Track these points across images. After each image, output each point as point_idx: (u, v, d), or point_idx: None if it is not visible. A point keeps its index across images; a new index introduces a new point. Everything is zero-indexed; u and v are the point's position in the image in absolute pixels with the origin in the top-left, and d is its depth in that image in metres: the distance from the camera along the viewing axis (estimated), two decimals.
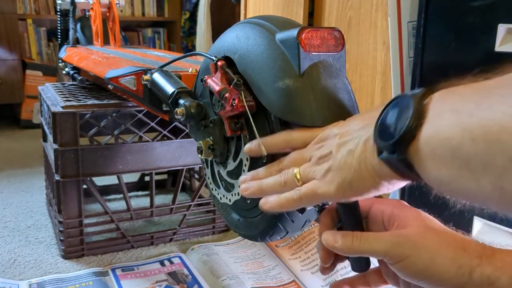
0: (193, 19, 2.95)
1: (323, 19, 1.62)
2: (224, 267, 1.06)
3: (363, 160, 0.40)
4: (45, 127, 1.29)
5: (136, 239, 1.19)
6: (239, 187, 0.64)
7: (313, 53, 0.54)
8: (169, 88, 0.74)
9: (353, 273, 0.54)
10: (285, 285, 1.01)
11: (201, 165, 1.28)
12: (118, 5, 1.51)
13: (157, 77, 0.79)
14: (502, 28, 0.87)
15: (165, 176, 1.65)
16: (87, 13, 1.56)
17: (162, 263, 1.10)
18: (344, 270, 1.03)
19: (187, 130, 1.18)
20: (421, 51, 1.02)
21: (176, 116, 0.69)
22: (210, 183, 0.76)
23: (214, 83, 0.63)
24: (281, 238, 0.63)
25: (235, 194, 0.66)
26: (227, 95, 0.60)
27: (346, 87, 0.55)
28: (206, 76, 0.66)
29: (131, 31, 3.12)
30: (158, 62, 1.09)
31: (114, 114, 1.11)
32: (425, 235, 0.43)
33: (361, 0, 1.50)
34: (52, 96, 1.22)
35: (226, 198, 0.69)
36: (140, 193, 1.59)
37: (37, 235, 1.25)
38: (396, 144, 0.35)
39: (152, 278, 1.04)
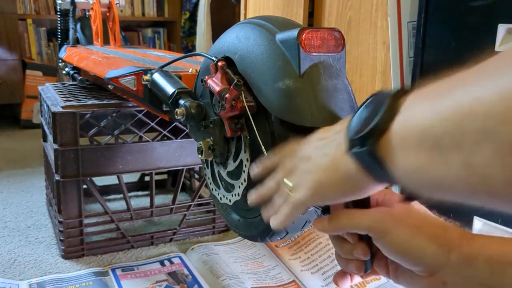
0: (193, 19, 2.94)
1: (323, 19, 1.62)
2: (224, 267, 1.06)
3: (335, 160, 0.39)
4: (45, 127, 1.29)
5: (136, 239, 1.19)
6: (239, 187, 0.64)
7: (313, 54, 0.54)
8: (169, 89, 0.74)
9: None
10: (285, 285, 1.01)
11: (201, 165, 1.28)
12: (118, 5, 1.51)
13: (157, 77, 0.79)
14: (502, 28, 0.87)
15: (165, 176, 1.65)
16: (87, 13, 1.56)
17: (162, 263, 1.10)
18: None
19: (187, 130, 1.19)
20: (421, 51, 1.02)
21: (176, 117, 0.69)
22: (210, 183, 0.75)
23: (214, 83, 0.63)
24: (281, 239, 0.63)
25: (235, 194, 0.66)
26: (227, 95, 0.60)
27: (346, 88, 0.55)
28: (206, 77, 0.66)
29: (131, 31, 3.12)
30: (158, 62, 1.09)
31: (114, 114, 1.11)
32: (409, 213, 0.44)
33: (361, 0, 1.50)
34: (52, 96, 1.22)
35: (226, 198, 0.69)
36: (140, 193, 1.59)
37: (37, 235, 1.25)
38: (366, 137, 0.35)
39: (152, 278, 1.04)
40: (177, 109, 0.69)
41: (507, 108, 0.26)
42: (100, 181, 1.53)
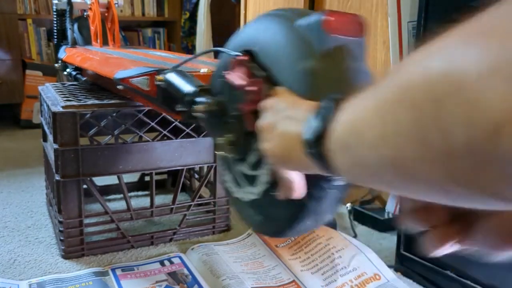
0: (193, 19, 2.95)
1: None
2: (224, 267, 1.06)
3: (294, 147, 0.44)
4: (45, 127, 1.29)
5: (136, 239, 1.19)
6: (264, 175, 0.64)
7: (337, 36, 0.54)
8: (187, 87, 0.74)
9: (352, 273, 0.53)
10: (285, 285, 1.01)
11: (201, 165, 1.28)
12: (117, 5, 1.50)
13: (173, 77, 0.79)
14: None
15: (165, 176, 1.65)
16: (85, 13, 1.56)
17: (162, 263, 1.10)
18: (344, 270, 1.03)
19: (187, 130, 1.19)
20: None
21: (196, 114, 0.69)
22: (232, 187, 0.74)
23: (236, 78, 0.63)
24: (315, 224, 0.61)
25: (260, 184, 0.65)
26: (250, 89, 0.60)
27: (367, 71, 0.56)
28: (227, 72, 0.66)
29: (131, 31, 3.12)
30: (164, 62, 1.09)
31: (114, 114, 1.11)
32: None
33: (361, 0, 1.49)
34: (52, 96, 1.22)
35: (252, 193, 0.68)
36: (140, 193, 1.59)
37: (37, 235, 1.25)
38: (313, 140, 0.39)
39: (152, 278, 1.04)
40: (197, 106, 0.69)
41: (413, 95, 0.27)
42: (100, 181, 1.53)
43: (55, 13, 1.59)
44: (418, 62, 0.28)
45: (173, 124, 1.16)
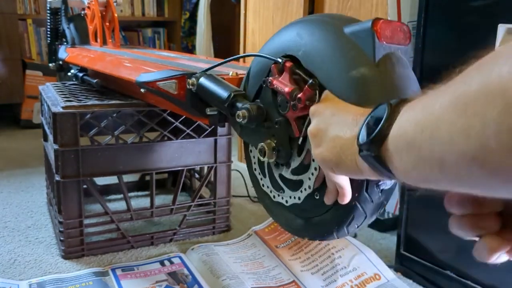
0: (193, 19, 2.94)
1: None
2: (224, 267, 1.06)
3: (346, 151, 0.46)
4: (46, 127, 1.29)
5: (136, 239, 1.19)
6: (309, 179, 0.64)
7: (387, 44, 0.55)
8: (223, 92, 0.74)
9: (352, 273, 0.54)
10: (285, 286, 1.01)
11: (201, 165, 1.27)
12: (115, 3, 1.48)
13: (205, 81, 0.78)
14: (502, 28, 0.87)
15: (165, 176, 1.65)
16: (82, 12, 1.54)
17: (162, 263, 1.10)
18: (344, 270, 1.03)
19: (187, 131, 1.19)
20: (421, 51, 1.02)
21: (237, 119, 0.69)
22: (271, 192, 0.73)
23: (282, 84, 0.63)
24: (358, 227, 0.62)
25: (305, 189, 0.65)
26: (300, 95, 0.60)
27: (415, 78, 0.56)
28: (270, 78, 0.65)
29: (131, 31, 3.12)
30: (173, 62, 1.08)
31: (115, 115, 1.11)
32: None
33: (361, 0, 1.50)
34: (52, 96, 1.22)
35: (295, 197, 0.67)
36: (140, 193, 1.59)
37: (37, 235, 1.25)
38: (370, 144, 0.40)
39: (152, 278, 1.04)
40: (238, 111, 0.69)
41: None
42: (100, 181, 1.53)
43: (48, 12, 1.56)
44: (505, 59, 0.29)
45: (174, 125, 1.16)
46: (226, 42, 2.85)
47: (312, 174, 0.63)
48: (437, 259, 1.02)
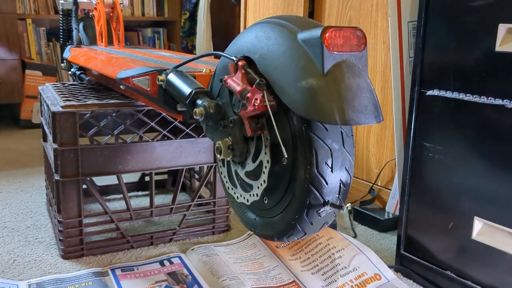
0: (193, 19, 2.94)
1: (323, 20, 1.62)
2: (224, 267, 1.06)
3: None
4: (45, 127, 1.29)
5: (136, 239, 1.19)
6: (258, 188, 0.65)
7: (337, 53, 0.54)
8: (186, 88, 0.74)
9: (353, 274, 0.54)
10: (285, 286, 1.01)
11: (201, 165, 1.28)
12: (122, 5, 1.50)
13: (173, 77, 0.79)
14: (502, 28, 0.87)
15: (165, 176, 1.65)
16: (91, 13, 1.56)
17: (162, 263, 1.10)
18: (344, 270, 1.03)
19: (187, 130, 1.19)
20: (421, 51, 1.02)
21: (195, 116, 0.69)
22: (226, 182, 0.75)
23: (235, 83, 0.64)
24: (297, 239, 0.64)
25: (253, 194, 0.66)
26: (249, 95, 0.60)
27: (369, 86, 0.56)
28: (225, 76, 0.66)
29: (131, 31, 3.12)
30: (168, 62, 1.09)
31: (114, 114, 1.11)
32: None
33: (361, 0, 1.49)
34: (52, 96, 1.22)
35: (244, 198, 0.69)
36: (140, 193, 1.58)
37: (36, 235, 1.25)
38: None
39: (152, 278, 1.04)
40: (195, 109, 0.69)
41: None
42: (100, 181, 1.53)
43: (61, 13, 1.60)
44: None
45: (173, 124, 1.16)
46: (226, 42, 2.85)
47: (261, 184, 0.64)
48: (437, 259, 1.02)
